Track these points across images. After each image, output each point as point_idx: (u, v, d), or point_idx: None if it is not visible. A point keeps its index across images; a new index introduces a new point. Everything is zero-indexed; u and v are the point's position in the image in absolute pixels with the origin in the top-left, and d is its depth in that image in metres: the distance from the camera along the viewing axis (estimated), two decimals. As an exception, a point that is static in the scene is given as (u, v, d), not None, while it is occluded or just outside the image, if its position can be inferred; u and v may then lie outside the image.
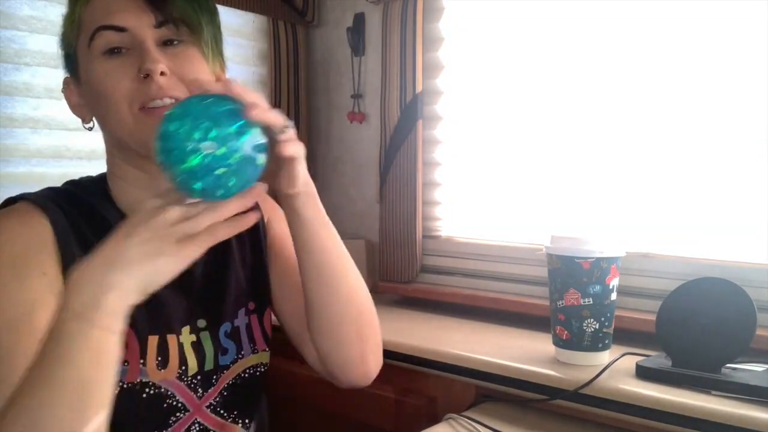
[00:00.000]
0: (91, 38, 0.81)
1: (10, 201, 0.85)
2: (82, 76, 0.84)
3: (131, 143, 0.82)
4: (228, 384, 0.91)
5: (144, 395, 0.83)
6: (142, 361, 0.83)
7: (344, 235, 1.86)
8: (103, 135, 0.88)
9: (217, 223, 0.69)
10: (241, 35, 1.78)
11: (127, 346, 0.81)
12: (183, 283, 0.83)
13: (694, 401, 0.91)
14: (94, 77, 0.81)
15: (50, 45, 1.43)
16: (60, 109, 1.45)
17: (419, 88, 1.56)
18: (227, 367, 0.92)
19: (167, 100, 0.80)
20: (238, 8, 1.69)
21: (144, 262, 0.66)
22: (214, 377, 0.90)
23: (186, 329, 0.88)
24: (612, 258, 1.04)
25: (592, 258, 1.03)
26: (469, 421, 1.03)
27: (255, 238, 0.99)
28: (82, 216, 0.84)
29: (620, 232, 1.22)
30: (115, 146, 0.87)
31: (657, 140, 1.28)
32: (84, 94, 0.86)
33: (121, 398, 0.79)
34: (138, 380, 0.82)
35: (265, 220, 1.02)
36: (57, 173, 1.45)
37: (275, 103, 1.80)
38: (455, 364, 1.15)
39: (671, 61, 1.25)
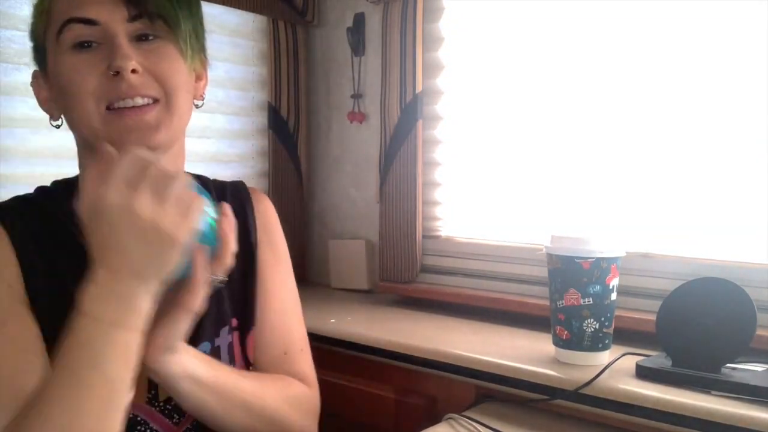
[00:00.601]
0: (59, 30, 0.76)
1: None
2: (51, 69, 0.80)
3: (99, 145, 0.76)
4: None
5: None
6: None
7: (344, 235, 1.87)
8: (73, 134, 0.83)
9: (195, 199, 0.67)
10: (240, 35, 1.78)
11: None
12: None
13: (694, 401, 0.91)
14: (61, 72, 0.77)
15: (50, 45, 1.44)
16: (60, 109, 1.46)
17: (419, 88, 1.56)
18: None
19: (138, 100, 0.76)
20: (238, 8, 1.69)
21: (155, 260, 0.65)
22: None
23: None
24: (612, 258, 1.04)
25: (592, 258, 1.03)
26: (469, 421, 1.03)
27: (244, 248, 0.92)
28: (40, 222, 0.80)
29: (620, 232, 1.22)
30: (82, 145, 0.83)
31: (657, 140, 1.28)
32: (52, 89, 0.81)
33: None
34: None
35: (258, 237, 0.96)
36: (57, 173, 1.43)
37: (276, 103, 1.80)
38: (455, 364, 1.15)
39: (671, 61, 1.25)
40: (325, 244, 1.82)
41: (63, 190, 0.85)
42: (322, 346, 1.08)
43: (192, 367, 0.75)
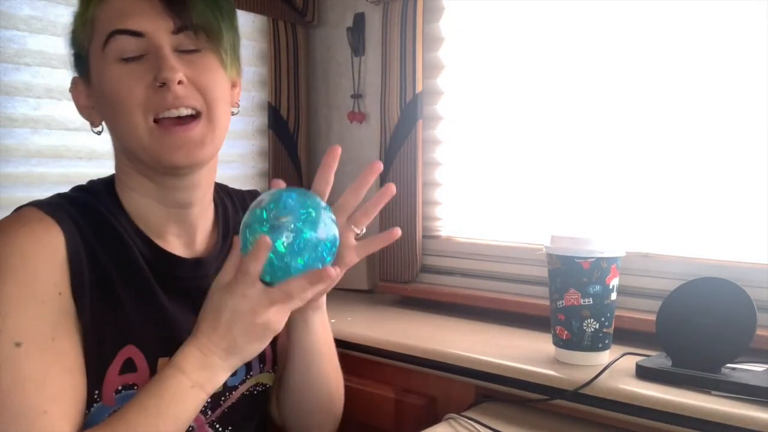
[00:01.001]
0: (105, 42, 0.77)
1: (21, 209, 0.81)
2: (94, 79, 0.81)
3: (143, 156, 0.80)
4: (232, 403, 0.90)
5: None
6: None
7: (344, 235, 1.83)
8: (113, 141, 0.85)
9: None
10: (241, 35, 1.78)
11: (136, 368, 0.80)
12: (195, 300, 0.82)
13: (694, 401, 0.91)
14: (107, 83, 0.78)
15: (50, 45, 1.44)
16: (60, 109, 1.45)
17: (419, 88, 1.56)
18: (235, 388, 0.90)
19: (183, 110, 0.78)
20: (239, 8, 1.68)
21: (243, 347, 0.76)
22: (222, 398, 0.88)
23: None
24: (612, 258, 1.04)
25: (592, 258, 1.03)
26: (469, 421, 1.03)
27: None
28: (93, 229, 0.81)
29: (620, 232, 1.22)
30: (124, 154, 0.84)
31: (657, 140, 1.28)
32: (94, 98, 0.82)
33: None
34: None
35: None
36: (57, 173, 1.45)
37: (276, 103, 1.80)
38: (455, 364, 1.15)
39: (671, 61, 1.25)
40: (325, 244, 1.82)
41: (108, 194, 0.86)
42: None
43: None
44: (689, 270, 1.17)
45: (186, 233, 0.88)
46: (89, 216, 0.81)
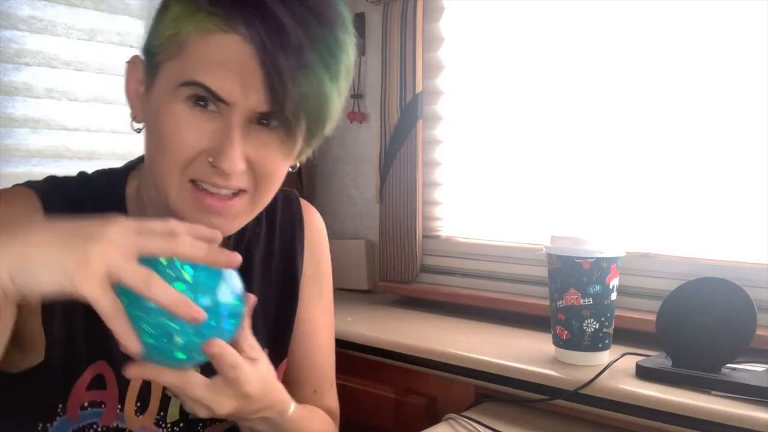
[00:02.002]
0: (184, 83, 0.66)
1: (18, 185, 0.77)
2: (155, 94, 0.70)
3: (166, 203, 0.71)
4: None
5: None
6: (119, 406, 0.76)
7: (344, 235, 1.87)
8: (145, 155, 0.75)
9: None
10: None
11: (105, 385, 0.75)
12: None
13: (694, 401, 0.91)
14: (163, 115, 0.68)
15: (50, 45, 1.44)
16: (60, 109, 1.46)
17: (419, 88, 1.56)
18: (218, 419, 0.81)
19: (225, 192, 0.69)
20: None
21: (38, 247, 0.55)
22: (200, 425, 0.82)
23: None
24: (612, 258, 1.04)
25: (592, 258, 1.03)
26: (469, 421, 1.03)
27: (287, 282, 0.89)
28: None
29: (620, 232, 1.22)
30: (151, 180, 0.74)
31: (657, 140, 1.28)
32: (146, 105, 0.72)
33: None
34: (114, 425, 0.76)
35: (304, 268, 0.91)
36: (57, 173, 1.44)
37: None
38: (455, 364, 1.15)
39: (671, 61, 1.25)
40: (325, 244, 1.82)
41: (104, 184, 0.79)
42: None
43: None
44: (689, 270, 1.17)
45: None
46: (75, 207, 0.73)
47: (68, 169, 1.46)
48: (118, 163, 0.85)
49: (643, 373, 1.01)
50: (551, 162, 1.43)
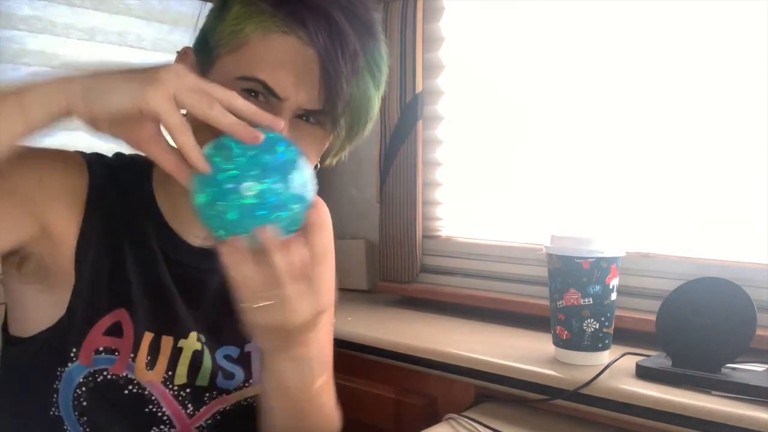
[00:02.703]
0: (243, 77, 0.70)
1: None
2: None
3: None
4: (225, 409, 0.85)
5: (125, 392, 0.78)
6: (132, 355, 0.79)
7: (344, 235, 1.87)
8: None
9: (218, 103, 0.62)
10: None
11: (122, 334, 0.78)
12: (192, 293, 0.81)
13: (694, 401, 0.91)
14: None
15: (50, 45, 1.44)
16: (60, 109, 1.45)
17: (419, 88, 1.55)
18: (227, 392, 0.85)
19: None
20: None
21: (108, 77, 0.62)
22: (206, 396, 0.84)
23: (193, 335, 0.83)
24: (612, 258, 1.04)
25: (592, 258, 1.03)
26: (469, 421, 1.03)
27: None
28: (118, 192, 0.79)
29: (620, 232, 1.22)
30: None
31: (657, 140, 1.28)
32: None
33: (102, 388, 0.77)
34: (124, 374, 0.78)
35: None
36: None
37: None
38: (455, 364, 1.15)
39: (671, 60, 1.25)
40: (325, 244, 1.82)
41: (134, 163, 0.82)
42: (322, 346, 1.09)
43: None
44: (689, 270, 1.17)
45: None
46: (117, 183, 0.80)
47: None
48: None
49: (643, 373, 1.01)
50: (551, 162, 1.43)
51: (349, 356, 1.27)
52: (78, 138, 1.51)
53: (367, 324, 1.39)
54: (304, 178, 0.65)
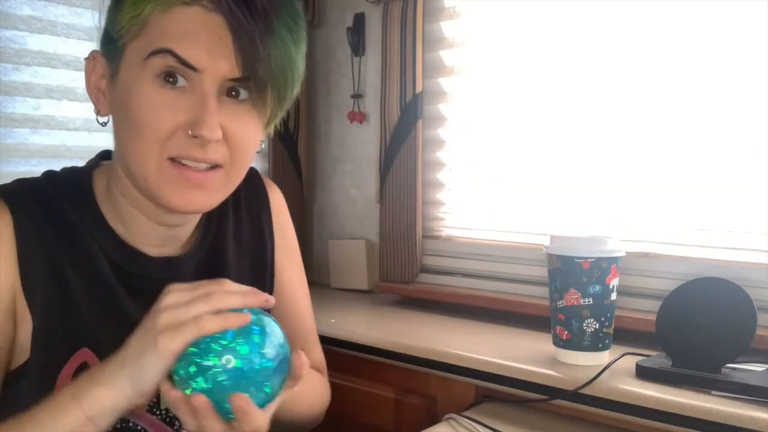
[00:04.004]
0: (151, 53, 0.68)
1: None
2: (121, 78, 0.71)
3: (142, 186, 0.73)
4: None
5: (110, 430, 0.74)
6: None
7: (344, 235, 1.87)
8: (115, 144, 0.77)
9: (206, 314, 0.64)
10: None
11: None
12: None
13: (694, 401, 0.91)
14: (135, 99, 0.69)
15: (50, 45, 1.44)
16: (60, 109, 1.46)
17: (419, 88, 1.55)
18: None
19: (202, 165, 0.70)
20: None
21: (132, 360, 0.64)
22: None
23: None
24: (612, 258, 1.04)
25: (592, 258, 1.03)
26: (469, 421, 1.03)
27: (258, 253, 0.92)
28: (49, 221, 0.75)
29: (620, 232, 1.22)
30: (125, 170, 0.76)
31: (657, 140, 1.27)
32: (113, 94, 0.73)
33: None
34: None
35: (275, 239, 0.95)
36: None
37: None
38: (455, 364, 1.15)
39: (671, 61, 1.24)
40: (325, 244, 1.82)
41: (73, 183, 0.80)
42: (323, 346, 1.09)
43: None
44: (689, 270, 1.17)
45: (166, 240, 0.82)
46: (48, 207, 0.76)
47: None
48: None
49: (643, 373, 1.01)
50: (552, 161, 1.42)
51: (349, 356, 1.27)
52: (78, 138, 1.51)
53: (367, 324, 1.39)
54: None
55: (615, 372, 1.01)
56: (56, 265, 0.75)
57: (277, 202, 0.98)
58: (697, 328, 0.99)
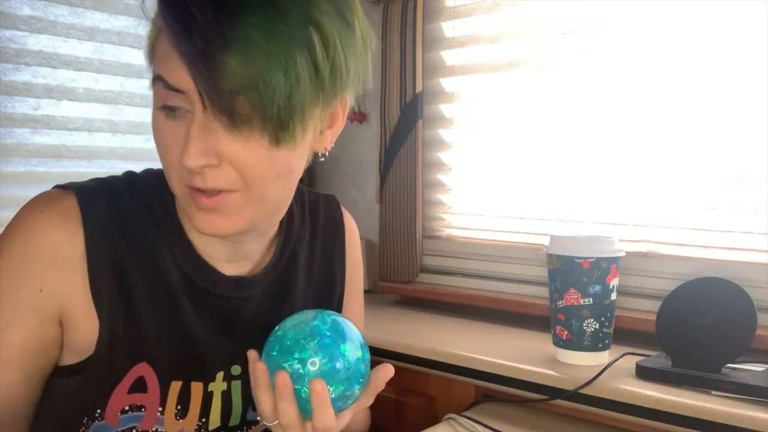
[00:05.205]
0: (152, 81, 0.68)
1: (58, 188, 0.76)
2: None
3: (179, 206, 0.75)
4: None
5: None
6: (160, 408, 0.75)
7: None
8: None
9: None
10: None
11: (146, 388, 0.74)
12: (228, 321, 0.78)
13: (694, 401, 0.91)
14: (153, 125, 0.70)
15: (50, 45, 1.44)
16: (60, 109, 1.46)
17: (419, 88, 1.55)
18: (255, 423, 0.82)
19: (212, 191, 0.67)
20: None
21: None
22: None
23: (220, 375, 0.79)
24: (612, 258, 1.04)
25: (592, 258, 1.03)
26: (469, 421, 1.03)
27: (326, 284, 0.92)
28: (123, 228, 0.74)
29: (620, 232, 1.22)
30: None
31: (657, 140, 1.27)
32: None
33: None
34: (153, 429, 0.74)
35: (346, 275, 0.94)
36: (57, 173, 1.45)
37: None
38: (455, 364, 1.15)
39: (671, 61, 1.24)
40: (325, 244, 1.82)
41: (155, 188, 0.78)
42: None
43: None
44: (689, 270, 1.17)
45: (237, 257, 0.81)
46: (123, 212, 0.75)
47: (68, 169, 1.47)
48: (118, 163, 0.85)
49: (643, 373, 1.01)
50: (552, 161, 1.42)
51: (349, 356, 1.27)
52: (78, 138, 1.51)
53: (367, 324, 1.38)
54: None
55: (615, 372, 1.01)
56: (124, 273, 0.74)
57: (353, 236, 0.97)
58: (697, 328, 0.99)
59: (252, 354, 0.71)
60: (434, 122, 1.61)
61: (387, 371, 0.71)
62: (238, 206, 0.69)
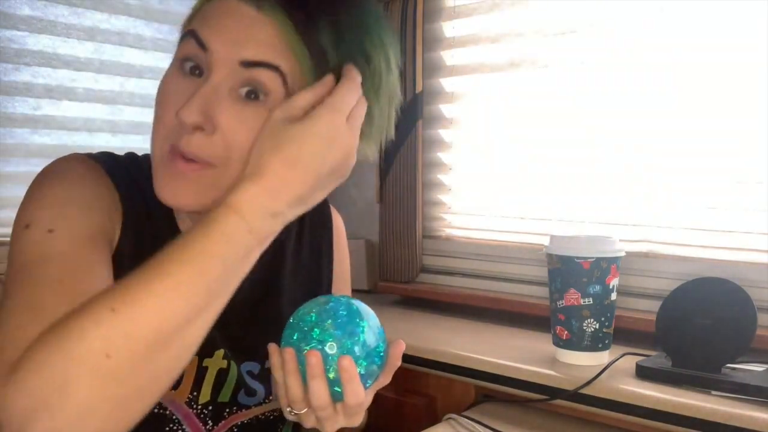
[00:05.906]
0: (181, 37, 0.68)
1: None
2: None
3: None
4: (242, 423, 0.83)
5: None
6: None
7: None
8: None
9: None
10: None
11: None
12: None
13: (694, 401, 0.91)
14: (161, 80, 0.69)
15: (50, 45, 1.44)
16: (60, 109, 1.46)
17: (419, 88, 1.55)
18: (247, 407, 0.83)
19: (189, 159, 0.65)
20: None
21: (320, 194, 0.64)
22: (226, 411, 0.82)
23: (219, 353, 0.80)
24: (612, 258, 1.04)
25: (592, 258, 1.03)
26: (469, 421, 1.03)
27: (313, 278, 0.92)
28: (131, 195, 0.74)
29: (620, 232, 1.22)
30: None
31: (657, 141, 1.27)
32: None
33: None
34: None
35: (333, 268, 0.95)
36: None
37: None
38: (455, 364, 1.15)
39: (672, 61, 1.24)
40: (325, 244, 1.82)
41: (145, 166, 0.76)
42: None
43: None
44: (689, 270, 1.17)
45: None
46: (140, 190, 0.75)
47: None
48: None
49: (643, 373, 1.01)
50: (552, 161, 1.42)
51: (349, 356, 1.27)
52: (78, 138, 1.51)
53: (367, 324, 1.38)
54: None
55: (615, 372, 1.01)
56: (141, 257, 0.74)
57: (339, 231, 0.98)
58: (697, 328, 0.99)
59: (272, 346, 0.69)
60: (434, 122, 1.61)
61: (400, 346, 0.71)
62: (208, 184, 0.67)
